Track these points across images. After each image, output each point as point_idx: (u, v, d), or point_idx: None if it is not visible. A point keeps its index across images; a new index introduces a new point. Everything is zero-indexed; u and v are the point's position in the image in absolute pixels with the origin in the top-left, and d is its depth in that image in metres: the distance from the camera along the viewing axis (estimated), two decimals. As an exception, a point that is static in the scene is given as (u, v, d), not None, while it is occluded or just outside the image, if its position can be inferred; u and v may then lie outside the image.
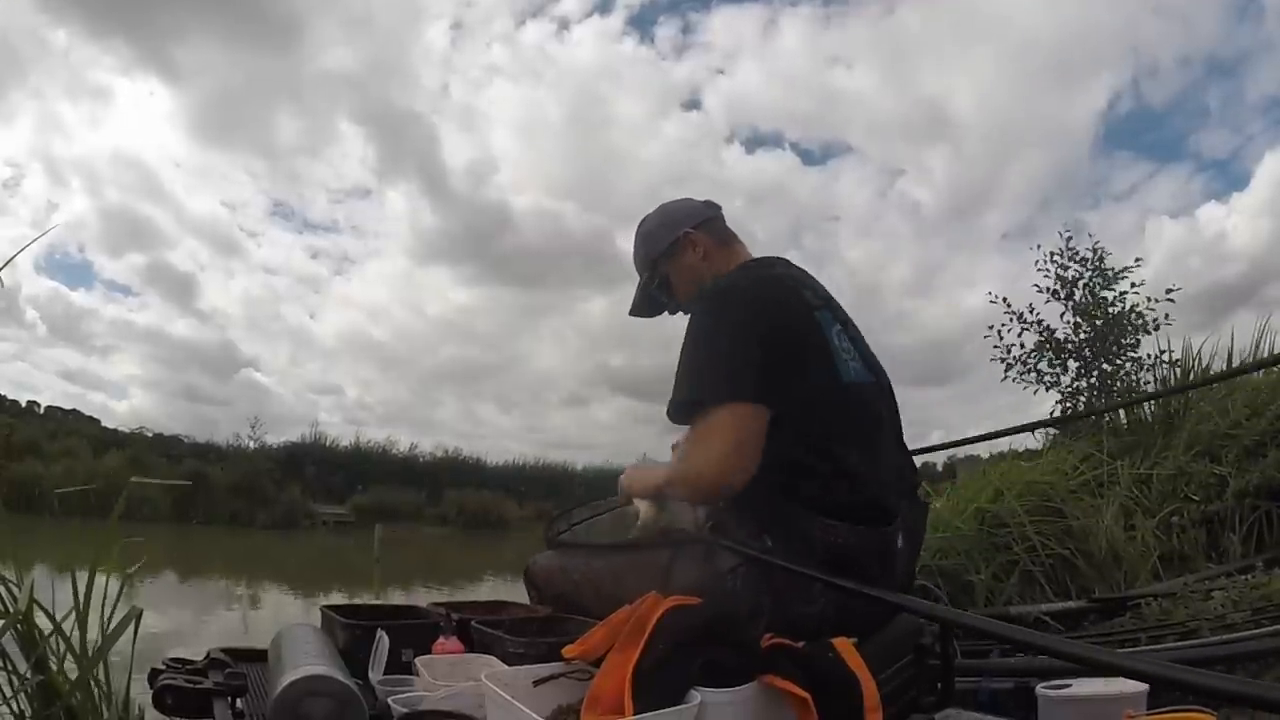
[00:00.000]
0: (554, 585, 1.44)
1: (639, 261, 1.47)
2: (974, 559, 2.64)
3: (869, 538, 1.14)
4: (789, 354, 1.14)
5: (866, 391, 1.22)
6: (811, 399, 1.14)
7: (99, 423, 19.61)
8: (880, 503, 1.16)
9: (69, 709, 1.16)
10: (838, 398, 1.16)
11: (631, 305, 1.51)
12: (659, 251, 1.42)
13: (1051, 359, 6.05)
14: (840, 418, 1.15)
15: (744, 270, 1.32)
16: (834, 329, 1.20)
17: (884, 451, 1.22)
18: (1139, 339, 5.72)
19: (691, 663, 0.95)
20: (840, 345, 1.19)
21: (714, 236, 1.41)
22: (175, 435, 18.92)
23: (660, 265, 1.42)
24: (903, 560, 1.21)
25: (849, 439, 1.14)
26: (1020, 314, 6.19)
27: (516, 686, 1.02)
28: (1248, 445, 3.20)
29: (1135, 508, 3.09)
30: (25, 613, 1.19)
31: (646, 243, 1.45)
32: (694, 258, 1.38)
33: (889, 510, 1.17)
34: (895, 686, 1.20)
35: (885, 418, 1.26)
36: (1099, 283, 6.01)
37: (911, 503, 1.26)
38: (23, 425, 17.50)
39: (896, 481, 1.23)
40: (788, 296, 1.21)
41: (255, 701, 1.29)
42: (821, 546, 1.11)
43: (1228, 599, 1.98)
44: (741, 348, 1.13)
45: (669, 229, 1.41)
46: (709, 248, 1.38)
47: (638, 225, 1.49)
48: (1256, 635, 1.69)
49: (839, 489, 1.12)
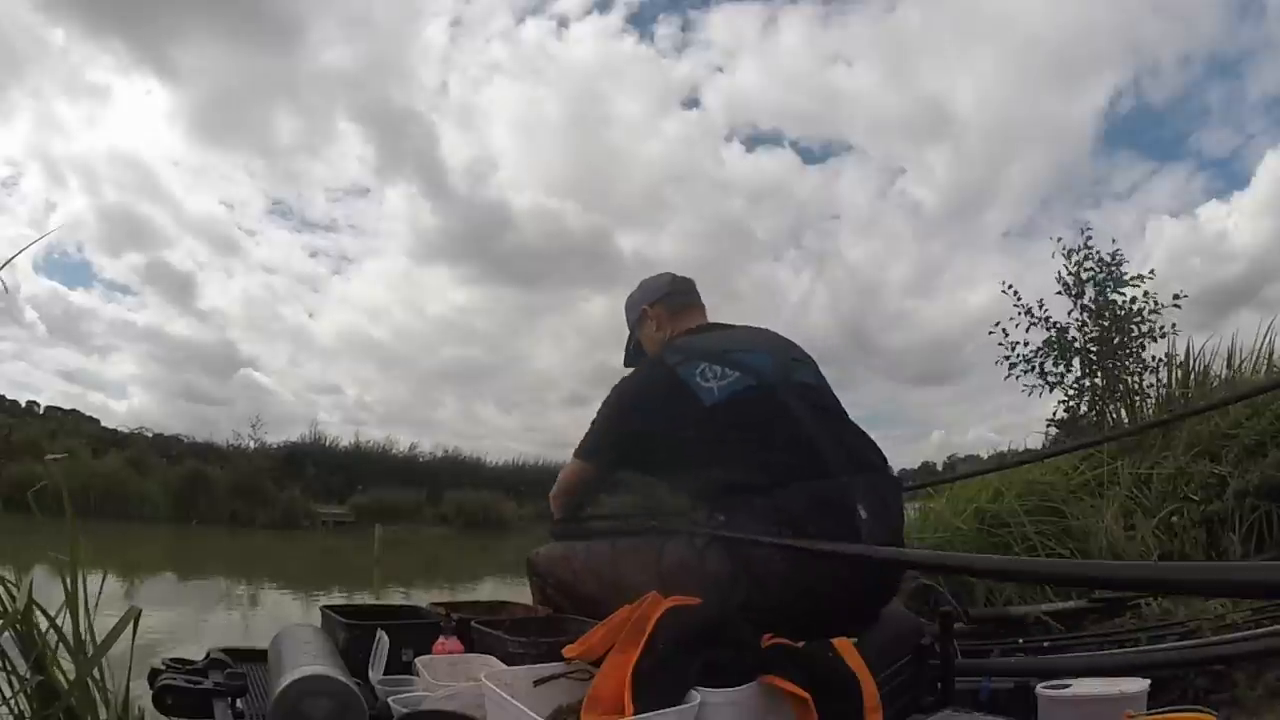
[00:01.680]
0: (555, 573, 1.59)
1: (628, 322, 1.82)
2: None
3: (805, 490, 1.29)
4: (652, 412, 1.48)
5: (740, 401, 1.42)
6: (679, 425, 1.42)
7: (99, 422, 19.61)
8: (800, 468, 1.33)
9: (68, 709, 1.16)
10: (706, 416, 1.41)
11: (623, 359, 1.86)
12: (632, 322, 1.79)
13: (1057, 357, 6.06)
14: (707, 429, 1.39)
15: (644, 364, 1.66)
16: (697, 370, 1.45)
17: (795, 435, 1.38)
18: (1144, 343, 5.73)
19: (691, 663, 0.95)
20: (699, 382, 1.44)
21: (669, 309, 1.73)
22: (175, 435, 18.92)
23: (635, 332, 1.79)
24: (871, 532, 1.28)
25: (728, 441, 1.38)
26: (1029, 308, 6.20)
27: (516, 686, 1.02)
28: (1248, 445, 3.19)
29: (1135, 508, 3.09)
30: (24, 612, 1.19)
31: (627, 313, 1.81)
32: (651, 329, 1.73)
33: (816, 470, 1.32)
34: (895, 686, 1.21)
35: (789, 410, 1.42)
36: (1110, 285, 6.03)
37: (870, 478, 1.38)
38: (22, 425, 17.51)
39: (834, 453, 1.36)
40: (659, 382, 1.49)
41: (255, 701, 1.29)
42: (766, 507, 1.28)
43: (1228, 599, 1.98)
44: (609, 424, 1.56)
45: (635, 305, 1.78)
46: (662, 320, 1.72)
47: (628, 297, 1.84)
48: (1256, 635, 1.69)
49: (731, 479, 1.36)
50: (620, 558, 1.48)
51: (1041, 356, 6.13)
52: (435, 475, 19.34)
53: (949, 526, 2.76)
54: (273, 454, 18.29)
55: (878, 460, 1.46)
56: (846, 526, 1.27)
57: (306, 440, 19.61)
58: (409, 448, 20.72)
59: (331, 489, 18.15)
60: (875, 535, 1.29)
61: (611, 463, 1.60)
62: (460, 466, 20.41)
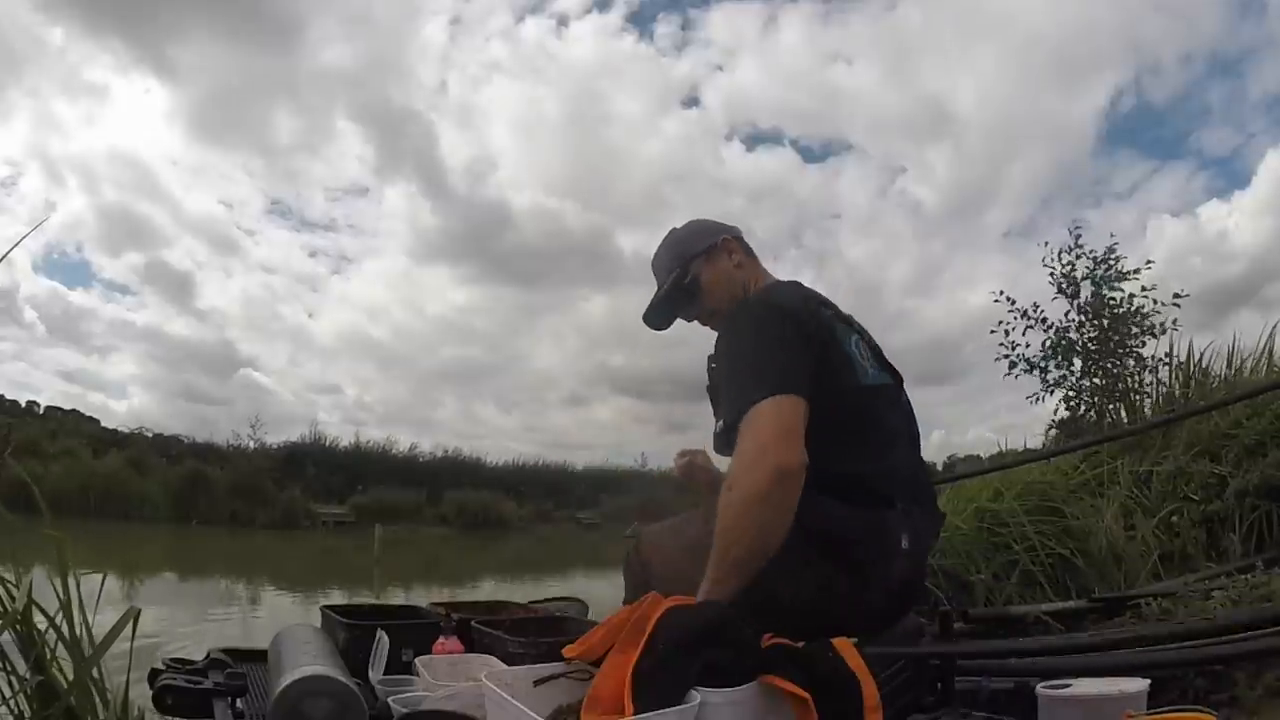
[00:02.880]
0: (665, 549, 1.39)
1: (665, 264, 1.48)
2: (974, 558, 2.65)
3: (861, 519, 1.18)
4: (823, 359, 1.22)
5: (886, 393, 1.32)
6: (833, 393, 1.20)
7: (99, 422, 19.59)
8: (879, 490, 1.21)
9: (68, 709, 1.16)
10: (857, 399, 1.24)
11: (647, 310, 1.50)
12: (695, 251, 1.44)
13: (1059, 360, 6.05)
14: (858, 416, 1.24)
15: (780, 286, 1.40)
16: (852, 339, 1.30)
17: (896, 449, 1.28)
18: (1144, 340, 5.73)
19: (691, 663, 0.95)
20: (858, 353, 1.29)
21: (746, 250, 1.47)
22: (175, 435, 18.91)
23: (693, 265, 1.44)
24: (908, 559, 1.22)
25: (865, 435, 1.24)
26: (1025, 311, 6.20)
27: (516, 686, 1.02)
28: (1248, 445, 3.20)
29: (1135, 507, 3.09)
30: (24, 612, 1.19)
31: (679, 244, 1.47)
32: (729, 263, 1.44)
33: (886, 498, 1.21)
34: (895, 686, 1.21)
35: (901, 419, 1.34)
36: (1105, 281, 6.02)
37: (924, 507, 1.30)
38: (22, 425, 17.51)
39: (907, 482, 1.26)
40: (818, 310, 1.30)
41: (255, 701, 1.29)
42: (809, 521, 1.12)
43: (1228, 599, 1.98)
44: (790, 349, 1.19)
45: (708, 233, 1.46)
46: (743, 258, 1.45)
47: (666, 235, 1.52)
48: (1256, 635, 1.69)
49: (837, 470, 1.17)
50: None
51: (1044, 361, 6.12)
52: (435, 475, 19.33)
53: (949, 526, 2.76)
54: (273, 454, 18.28)
55: (931, 490, 1.39)
56: (887, 554, 1.20)
57: (306, 440, 19.61)
58: (409, 448, 20.73)
59: (331, 489, 18.14)
60: (910, 566, 1.24)
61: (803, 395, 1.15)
62: (460, 466, 20.40)
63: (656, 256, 1.51)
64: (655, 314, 1.50)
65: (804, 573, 1.16)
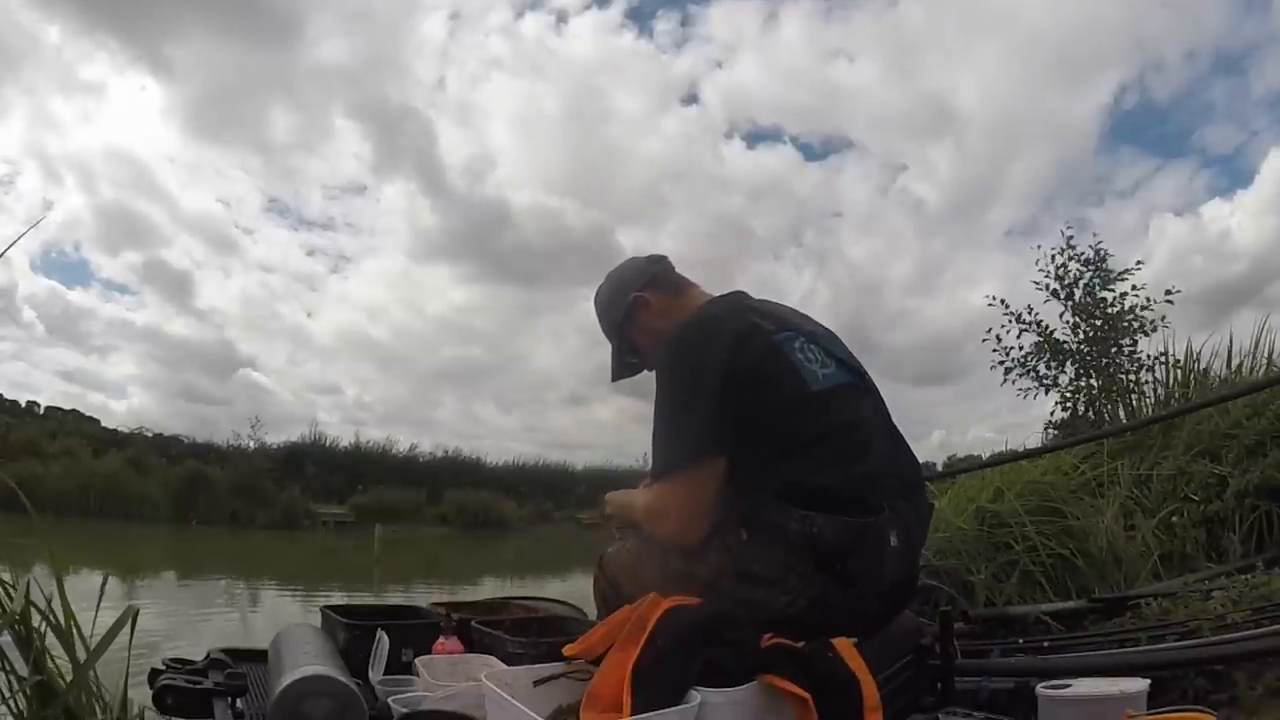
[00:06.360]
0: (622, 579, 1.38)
1: (605, 332, 1.52)
2: (974, 558, 2.64)
3: (850, 528, 1.15)
4: (761, 380, 1.21)
5: (843, 392, 1.27)
6: (781, 408, 1.20)
7: (99, 422, 19.60)
8: (862, 495, 1.18)
9: (67, 709, 1.16)
10: (807, 404, 1.22)
11: (611, 373, 1.54)
12: (619, 319, 1.47)
13: (1049, 360, 6.07)
14: (813, 421, 1.21)
15: (699, 318, 1.35)
16: (795, 343, 1.26)
17: (872, 448, 1.24)
18: (1136, 339, 5.74)
19: (691, 663, 0.95)
20: (804, 357, 1.25)
21: (664, 291, 1.45)
22: (175, 435, 18.92)
23: (624, 332, 1.47)
24: (897, 557, 1.20)
25: (827, 439, 1.20)
26: (1019, 314, 6.21)
27: (516, 686, 1.02)
28: (1248, 445, 3.20)
29: (1135, 507, 3.09)
30: (22, 612, 1.19)
31: (607, 313, 1.50)
32: (649, 317, 1.44)
33: (871, 502, 1.18)
34: (895, 686, 1.21)
35: (870, 415, 1.29)
36: (1098, 282, 6.03)
37: (911, 501, 1.27)
38: (22, 425, 17.51)
39: (888, 477, 1.24)
40: (738, 322, 1.27)
41: (255, 701, 1.29)
42: (797, 537, 1.13)
43: (1228, 599, 1.98)
44: (701, 401, 1.19)
45: (620, 295, 1.47)
46: (661, 304, 1.44)
47: (594, 297, 1.54)
48: (1256, 635, 1.69)
49: (815, 483, 1.16)
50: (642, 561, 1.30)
51: (1034, 360, 6.15)
52: (435, 475, 19.33)
53: (950, 526, 2.75)
54: (273, 454, 18.27)
55: (917, 480, 1.34)
56: (877, 557, 1.17)
57: (306, 440, 19.61)
58: (409, 448, 20.73)
59: (331, 489, 18.14)
60: (900, 563, 1.21)
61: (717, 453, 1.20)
62: (460, 466, 20.40)
63: (598, 319, 1.54)
64: (618, 376, 1.54)
65: (795, 586, 1.14)
